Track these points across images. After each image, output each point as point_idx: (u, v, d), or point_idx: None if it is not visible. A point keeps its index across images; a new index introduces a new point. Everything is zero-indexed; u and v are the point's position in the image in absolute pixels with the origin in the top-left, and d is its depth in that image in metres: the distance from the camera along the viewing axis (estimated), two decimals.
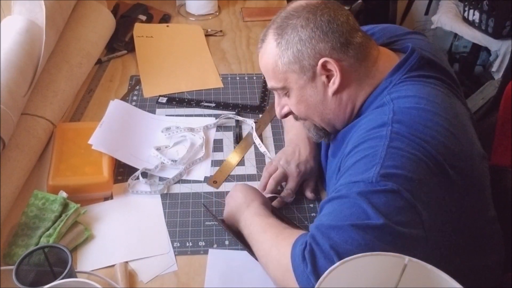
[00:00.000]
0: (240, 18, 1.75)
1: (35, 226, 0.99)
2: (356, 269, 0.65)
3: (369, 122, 0.87)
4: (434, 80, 0.91)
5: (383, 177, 0.76)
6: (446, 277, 0.63)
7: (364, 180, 0.77)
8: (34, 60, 1.21)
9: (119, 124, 1.22)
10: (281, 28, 0.91)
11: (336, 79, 0.89)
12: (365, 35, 0.93)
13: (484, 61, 2.56)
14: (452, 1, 2.50)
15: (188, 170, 1.17)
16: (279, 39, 0.90)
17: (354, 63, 0.90)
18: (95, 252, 0.99)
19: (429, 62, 0.93)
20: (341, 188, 0.80)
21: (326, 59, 0.88)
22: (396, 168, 0.77)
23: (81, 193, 1.07)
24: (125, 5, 1.72)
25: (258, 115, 1.34)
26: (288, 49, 0.90)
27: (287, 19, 0.90)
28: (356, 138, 0.87)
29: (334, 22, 0.88)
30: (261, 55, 0.96)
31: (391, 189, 0.75)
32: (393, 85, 0.89)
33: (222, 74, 1.48)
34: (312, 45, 0.88)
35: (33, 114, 1.18)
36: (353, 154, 0.84)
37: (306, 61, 0.89)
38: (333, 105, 0.93)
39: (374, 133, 0.83)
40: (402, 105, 0.85)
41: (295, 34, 0.89)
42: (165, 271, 0.96)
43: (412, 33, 1.06)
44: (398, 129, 0.81)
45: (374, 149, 0.80)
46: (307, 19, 0.88)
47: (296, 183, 1.08)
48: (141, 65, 1.49)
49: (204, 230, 1.04)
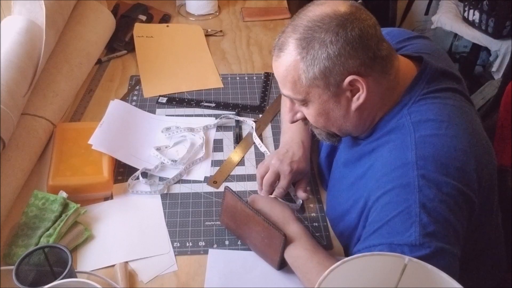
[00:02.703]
0: (240, 18, 1.75)
1: (35, 226, 0.99)
2: (356, 269, 0.65)
3: (391, 154, 0.86)
4: (451, 93, 0.91)
5: (425, 237, 0.78)
6: (446, 277, 0.63)
7: (408, 244, 0.78)
8: (34, 60, 1.21)
9: (119, 124, 1.22)
10: (306, 41, 0.84)
11: (362, 95, 0.86)
12: (389, 45, 0.89)
13: (484, 61, 2.56)
14: (452, 1, 2.50)
15: (188, 170, 1.17)
16: (304, 53, 0.84)
17: (379, 77, 0.87)
18: (95, 252, 0.99)
19: (442, 72, 0.92)
20: (383, 249, 0.80)
21: (354, 77, 0.84)
22: (434, 223, 0.79)
23: (81, 193, 1.07)
24: (125, 5, 1.72)
25: (258, 115, 1.34)
26: (314, 65, 0.84)
27: (313, 31, 0.83)
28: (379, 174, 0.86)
29: (364, 36, 0.83)
30: (278, 64, 0.90)
31: (436, 249, 0.77)
32: (412, 103, 0.89)
33: (222, 74, 1.48)
34: (341, 62, 0.83)
35: (33, 114, 1.18)
36: (384, 205, 0.83)
37: (332, 77, 0.84)
38: (354, 119, 0.91)
39: (401, 178, 0.82)
40: (423, 132, 0.85)
41: (323, 50, 0.83)
42: (165, 271, 0.96)
43: (417, 37, 1.05)
44: (424, 173, 0.81)
45: (407, 204, 0.80)
46: (336, 34, 0.82)
47: (288, 181, 1.07)
48: (141, 65, 1.49)
49: (204, 230, 1.04)
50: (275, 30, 1.68)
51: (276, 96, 1.40)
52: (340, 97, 0.87)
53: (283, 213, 0.97)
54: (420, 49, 0.98)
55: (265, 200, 1.01)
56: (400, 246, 0.78)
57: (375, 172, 0.88)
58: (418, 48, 0.99)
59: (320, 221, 1.07)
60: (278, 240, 0.92)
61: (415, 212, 0.79)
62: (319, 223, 1.07)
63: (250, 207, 0.95)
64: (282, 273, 0.96)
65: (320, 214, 1.09)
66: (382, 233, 0.82)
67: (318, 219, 1.08)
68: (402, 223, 0.80)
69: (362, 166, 0.94)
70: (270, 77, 1.47)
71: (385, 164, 0.86)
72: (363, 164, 0.93)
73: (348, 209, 0.95)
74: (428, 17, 2.64)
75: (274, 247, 0.93)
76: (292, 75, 0.87)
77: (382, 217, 0.83)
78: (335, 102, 0.88)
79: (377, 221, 0.84)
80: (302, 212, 1.09)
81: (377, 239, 0.82)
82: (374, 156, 0.91)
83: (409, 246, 0.77)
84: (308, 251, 0.91)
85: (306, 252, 0.91)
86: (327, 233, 1.05)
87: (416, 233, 0.78)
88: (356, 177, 0.95)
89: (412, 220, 0.79)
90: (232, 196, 0.97)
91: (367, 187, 0.89)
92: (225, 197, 1.00)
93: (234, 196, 0.97)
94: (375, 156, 0.91)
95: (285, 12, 1.77)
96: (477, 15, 2.24)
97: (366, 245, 0.84)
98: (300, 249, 0.92)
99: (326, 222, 1.07)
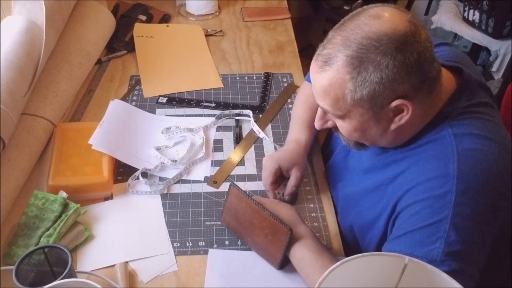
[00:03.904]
0: (240, 18, 1.75)
1: (35, 226, 0.99)
2: (356, 269, 0.65)
3: (430, 163, 0.84)
4: (488, 108, 0.89)
5: (448, 255, 0.76)
6: (446, 277, 0.63)
7: (428, 258, 0.76)
8: (34, 60, 1.21)
9: (119, 124, 1.22)
10: (358, 60, 0.78)
11: (404, 117, 0.83)
12: (439, 65, 0.84)
13: (484, 61, 2.56)
14: (452, 1, 2.50)
15: (188, 170, 1.17)
16: (355, 73, 0.79)
17: (424, 98, 0.83)
18: (95, 252, 0.99)
19: (480, 85, 0.91)
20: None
21: (402, 101, 0.80)
22: (461, 243, 0.77)
23: (81, 193, 1.07)
24: (125, 5, 1.72)
25: (258, 115, 1.34)
26: (364, 88, 0.79)
27: (368, 50, 0.77)
28: (414, 182, 0.84)
29: (421, 60, 0.78)
30: (321, 77, 0.83)
31: (454, 269, 0.76)
32: (454, 116, 0.86)
33: (222, 74, 1.48)
34: (392, 87, 0.78)
35: (33, 114, 1.18)
36: (414, 214, 0.81)
37: (379, 100, 0.80)
38: (391, 137, 0.88)
39: (438, 189, 0.80)
40: (467, 146, 0.82)
41: (376, 74, 0.77)
42: (165, 271, 0.96)
43: (441, 44, 1.02)
44: (464, 189, 0.78)
45: (438, 217, 0.78)
46: (394, 59, 0.76)
47: (268, 171, 1.05)
48: (141, 65, 1.49)
49: (204, 230, 1.04)
50: (275, 30, 1.68)
51: (276, 96, 1.40)
52: (381, 116, 0.84)
53: (289, 215, 0.97)
54: (451, 58, 0.95)
55: (270, 202, 1.01)
56: (420, 258, 0.74)
57: (408, 179, 0.85)
58: (449, 56, 0.96)
59: (320, 221, 1.07)
60: (283, 236, 0.92)
61: (444, 227, 0.77)
62: (319, 223, 1.07)
63: (256, 202, 0.95)
64: (282, 273, 0.96)
65: (320, 214, 1.09)
66: (405, 241, 0.81)
67: (318, 219, 1.08)
68: (428, 236, 0.78)
69: (389, 172, 0.91)
70: (270, 77, 1.47)
71: (422, 173, 0.83)
72: (391, 170, 0.91)
73: (377, 217, 0.93)
74: (428, 17, 2.64)
75: (278, 244, 0.93)
76: (336, 92, 0.82)
77: (410, 225, 0.81)
78: (376, 122, 0.85)
79: (403, 228, 0.82)
80: (302, 212, 1.08)
81: (398, 246, 0.81)
82: (405, 163, 0.88)
83: (428, 260, 0.75)
84: (313, 253, 0.91)
85: (311, 254, 0.91)
86: (327, 233, 1.05)
87: (440, 249, 0.76)
88: (382, 182, 0.92)
89: (440, 235, 0.77)
90: (238, 193, 0.98)
91: (396, 193, 0.87)
92: (229, 194, 1.00)
93: (240, 192, 0.97)
94: (407, 163, 0.88)
95: (285, 12, 1.77)
96: (477, 15, 2.24)
97: (385, 249, 0.82)
98: (305, 251, 0.91)
99: (326, 222, 1.07)
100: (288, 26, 1.71)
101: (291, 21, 1.73)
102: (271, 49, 1.59)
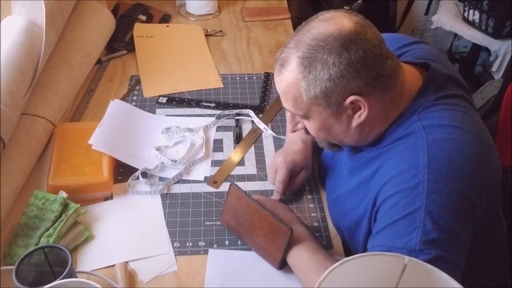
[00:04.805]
0: (240, 18, 1.75)
1: (35, 226, 0.99)
2: (356, 269, 0.65)
3: (402, 156, 0.85)
4: (459, 99, 0.91)
5: (425, 243, 0.77)
6: (446, 277, 0.63)
7: (407, 248, 0.78)
8: (34, 60, 1.21)
9: (119, 124, 1.22)
10: (308, 60, 0.82)
11: (363, 114, 0.85)
12: (394, 62, 0.86)
13: (484, 61, 2.56)
14: (452, 1, 2.50)
15: (188, 170, 1.17)
16: (306, 72, 0.83)
17: (382, 94, 0.85)
18: (95, 252, 0.99)
19: (449, 78, 0.92)
20: (383, 250, 0.79)
21: (355, 97, 0.83)
22: (438, 230, 0.78)
23: (81, 193, 1.07)
24: (125, 5, 1.72)
25: (258, 115, 1.34)
26: (316, 86, 0.83)
27: (316, 50, 0.82)
28: (389, 176, 0.85)
29: (368, 57, 0.81)
30: (280, 79, 0.88)
31: (435, 257, 0.77)
32: (422, 109, 0.88)
33: (222, 74, 1.48)
34: (343, 84, 0.82)
35: (33, 114, 1.18)
36: (391, 207, 0.83)
37: (334, 97, 0.84)
38: (355, 134, 0.90)
39: (410, 180, 0.81)
40: (437, 136, 0.84)
41: (325, 71, 0.81)
42: (165, 271, 0.96)
43: (417, 42, 1.04)
44: (435, 177, 0.80)
45: (413, 208, 0.79)
46: (339, 56, 0.80)
47: (283, 174, 1.06)
48: (141, 65, 1.49)
49: (204, 230, 1.04)
50: (275, 30, 1.69)
51: (276, 96, 1.40)
52: (341, 114, 0.87)
53: (286, 215, 0.98)
54: (422, 55, 0.97)
55: (269, 201, 1.01)
56: (400, 249, 0.78)
57: (383, 174, 0.87)
58: (420, 53, 0.98)
59: (320, 221, 1.07)
60: (283, 236, 0.92)
61: (420, 217, 0.78)
62: (319, 223, 1.07)
63: (256, 202, 0.96)
64: (282, 273, 0.96)
65: (320, 214, 1.09)
66: (385, 234, 0.82)
67: (318, 219, 1.08)
68: (406, 227, 0.79)
69: (368, 170, 0.93)
70: (270, 77, 1.47)
71: (395, 166, 0.85)
72: (370, 168, 0.92)
73: (362, 215, 0.94)
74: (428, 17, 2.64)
75: (278, 244, 0.93)
76: (294, 92, 0.86)
77: (388, 218, 0.82)
78: (336, 119, 0.88)
79: (382, 222, 0.84)
80: (302, 212, 1.08)
81: (380, 240, 0.82)
82: (381, 159, 0.90)
83: (408, 251, 0.77)
84: (309, 251, 0.92)
85: (307, 252, 0.91)
86: (327, 233, 1.05)
87: (417, 238, 0.77)
88: (362, 181, 0.94)
89: (416, 225, 0.78)
90: (238, 192, 0.98)
91: (375, 189, 0.88)
92: (229, 194, 1.00)
93: (239, 192, 0.98)
94: (382, 159, 0.90)
95: (285, 12, 1.77)
96: (477, 15, 2.24)
97: (370, 245, 0.84)
98: (302, 249, 0.92)
99: (326, 222, 1.07)
100: (288, 26, 1.71)
101: (291, 21, 1.74)
102: (271, 49, 1.59)
